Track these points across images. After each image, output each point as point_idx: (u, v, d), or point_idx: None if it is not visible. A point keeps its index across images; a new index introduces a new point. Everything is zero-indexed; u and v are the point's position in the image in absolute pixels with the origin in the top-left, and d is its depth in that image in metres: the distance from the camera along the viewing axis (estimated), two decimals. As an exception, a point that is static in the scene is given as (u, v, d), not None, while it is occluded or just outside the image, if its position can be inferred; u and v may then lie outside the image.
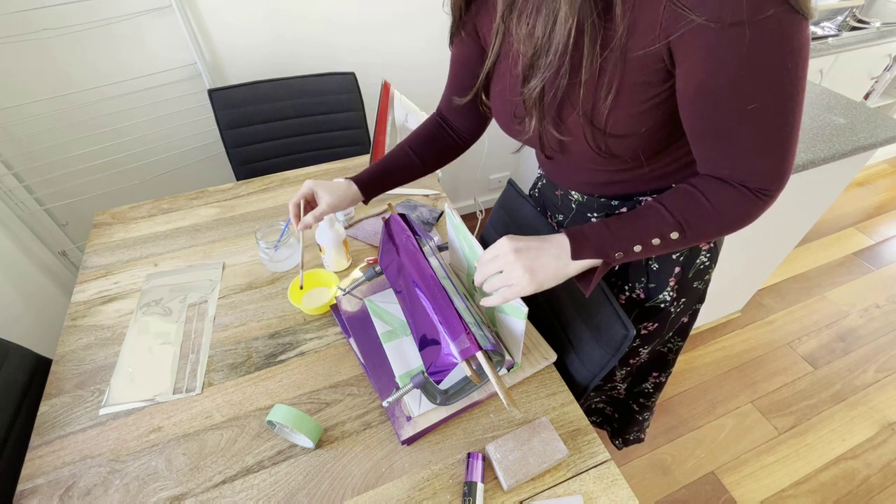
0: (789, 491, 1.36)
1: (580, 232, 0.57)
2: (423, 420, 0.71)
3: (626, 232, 0.56)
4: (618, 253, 0.56)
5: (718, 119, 0.47)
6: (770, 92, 0.44)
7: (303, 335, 0.85)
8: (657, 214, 0.55)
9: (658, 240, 0.55)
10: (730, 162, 0.51)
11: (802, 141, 1.12)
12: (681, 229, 0.54)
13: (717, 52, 0.43)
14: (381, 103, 1.13)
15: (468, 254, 0.77)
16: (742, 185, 0.52)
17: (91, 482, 0.67)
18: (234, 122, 1.35)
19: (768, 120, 0.46)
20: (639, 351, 0.89)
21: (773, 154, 0.48)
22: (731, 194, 0.52)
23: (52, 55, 1.23)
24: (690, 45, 0.44)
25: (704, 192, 0.54)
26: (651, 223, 0.55)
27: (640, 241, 0.55)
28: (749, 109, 0.45)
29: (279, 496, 0.65)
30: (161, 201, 1.16)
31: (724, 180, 0.53)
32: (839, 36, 1.74)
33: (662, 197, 0.57)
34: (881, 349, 1.72)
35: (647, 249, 0.56)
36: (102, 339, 0.85)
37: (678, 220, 0.54)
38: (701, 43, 0.43)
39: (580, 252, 0.56)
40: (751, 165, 0.50)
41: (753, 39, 0.41)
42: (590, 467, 0.67)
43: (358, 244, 1.04)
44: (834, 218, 2.27)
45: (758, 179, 0.51)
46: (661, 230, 0.55)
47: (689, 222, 0.54)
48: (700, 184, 0.54)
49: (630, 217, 0.57)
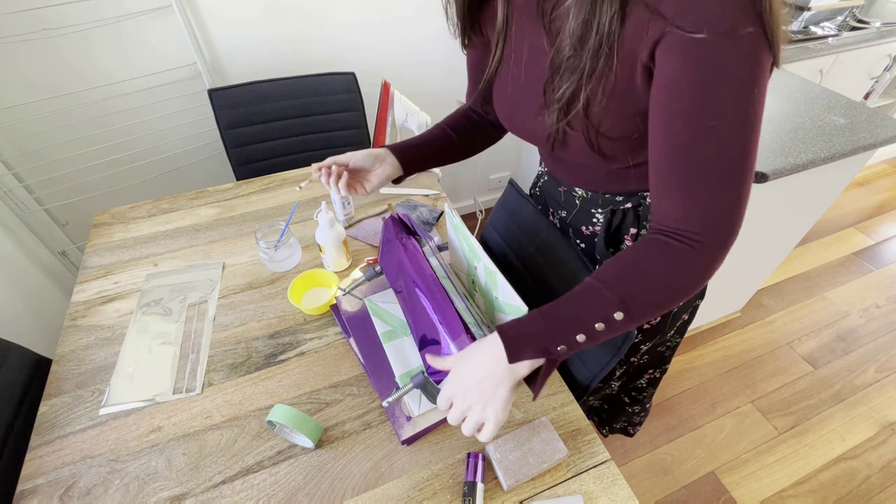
0: (789, 491, 1.36)
1: (515, 332, 0.53)
2: (423, 420, 0.71)
3: (564, 322, 0.52)
4: (560, 346, 0.51)
5: (680, 131, 0.47)
6: (733, 112, 0.44)
7: (303, 335, 0.85)
8: (596, 294, 0.51)
9: (602, 324, 0.50)
10: (681, 199, 0.49)
11: (803, 141, 1.12)
12: (625, 307, 0.50)
13: (691, 60, 0.44)
14: (381, 103, 1.13)
15: (468, 254, 0.77)
16: (686, 238, 0.49)
17: (91, 482, 0.67)
18: (234, 122, 1.35)
19: (726, 145, 0.45)
20: (639, 348, 0.89)
21: (725, 192, 0.47)
22: (672, 254, 0.49)
23: (51, 55, 1.23)
24: (669, 52, 0.45)
25: (644, 258, 0.51)
26: (591, 306, 0.51)
27: (583, 330, 0.51)
28: (711, 126, 0.45)
29: (279, 496, 0.65)
30: (161, 201, 1.16)
31: (666, 236, 0.50)
32: (839, 36, 1.74)
33: (600, 272, 0.53)
34: (881, 349, 1.72)
35: (592, 337, 0.51)
36: (102, 339, 0.85)
37: (619, 297, 0.50)
38: (678, 49, 0.44)
39: (517, 354, 0.51)
40: (702, 204, 0.48)
41: (727, 52, 0.42)
42: (590, 467, 0.67)
43: (358, 244, 1.04)
44: (834, 218, 2.27)
45: (709, 224, 0.48)
46: (602, 312, 0.50)
47: (632, 298, 0.50)
48: (639, 248, 0.52)
49: (566, 303, 0.52)
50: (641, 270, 0.51)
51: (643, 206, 0.69)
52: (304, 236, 1.05)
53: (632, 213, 0.70)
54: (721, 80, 0.43)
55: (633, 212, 0.70)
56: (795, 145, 1.11)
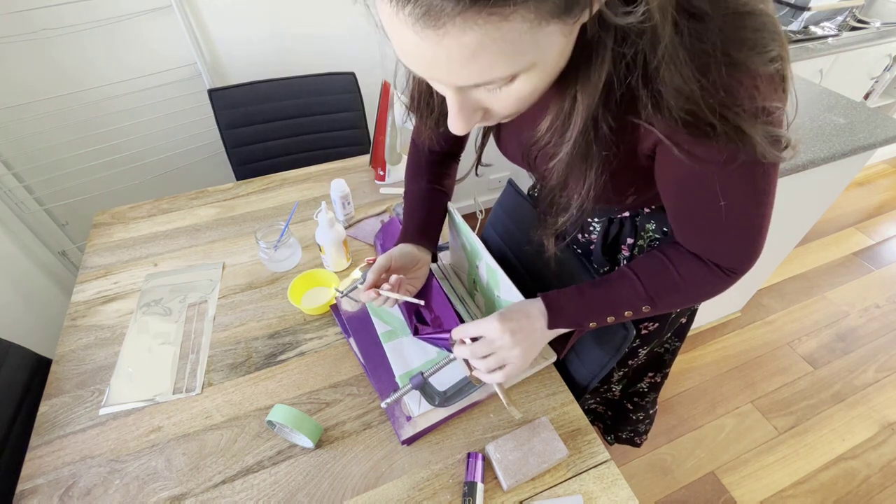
0: (789, 491, 1.36)
1: (557, 303, 0.59)
2: (423, 420, 0.71)
3: (601, 304, 0.58)
4: (592, 323, 0.59)
5: (693, 207, 0.50)
6: (742, 192, 0.46)
7: (303, 335, 0.85)
8: (631, 287, 0.57)
9: (630, 312, 0.58)
10: (702, 243, 0.54)
11: (803, 141, 1.12)
12: (652, 303, 0.57)
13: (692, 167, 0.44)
14: (381, 104, 1.13)
15: (469, 253, 0.77)
16: (712, 262, 0.54)
17: (91, 482, 0.67)
18: (234, 122, 1.35)
19: (739, 214, 0.48)
20: (638, 352, 0.89)
21: (742, 241, 0.51)
22: (702, 270, 0.55)
23: (51, 55, 1.23)
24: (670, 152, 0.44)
25: (677, 266, 0.56)
26: (624, 296, 0.58)
27: (613, 313, 0.58)
28: (721, 205, 0.46)
29: (279, 496, 0.65)
30: (161, 201, 1.16)
31: (696, 254, 0.55)
32: (839, 36, 1.74)
33: (637, 266, 0.58)
34: (881, 349, 1.72)
35: (617, 319, 0.59)
36: (102, 339, 0.85)
37: (650, 295, 0.56)
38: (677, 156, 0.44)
39: (556, 323, 0.59)
40: (721, 249, 0.53)
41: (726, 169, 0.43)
42: (590, 467, 0.67)
43: (358, 244, 1.04)
44: (834, 218, 2.27)
45: (727, 260, 0.53)
46: (633, 303, 0.57)
47: (661, 296, 0.57)
48: (673, 256, 0.56)
49: (605, 287, 0.59)
50: (673, 276, 0.56)
51: (641, 216, 0.68)
52: (304, 236, 1.05)
53: (629, 223, 0.70)
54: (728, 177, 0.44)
55: (630, 221, 0.69)
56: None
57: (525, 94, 0.38)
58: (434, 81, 0.39)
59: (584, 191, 0.47)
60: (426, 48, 0.31)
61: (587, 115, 0.41)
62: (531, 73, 0.36)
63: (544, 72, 0.37)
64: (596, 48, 0.37)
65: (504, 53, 0.32)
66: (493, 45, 0.31)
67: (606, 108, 0.42)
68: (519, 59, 0.33)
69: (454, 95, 0.39)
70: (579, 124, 0.42)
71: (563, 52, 0.37)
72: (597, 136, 0.43)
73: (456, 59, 0.32)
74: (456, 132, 0.42)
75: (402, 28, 0.31)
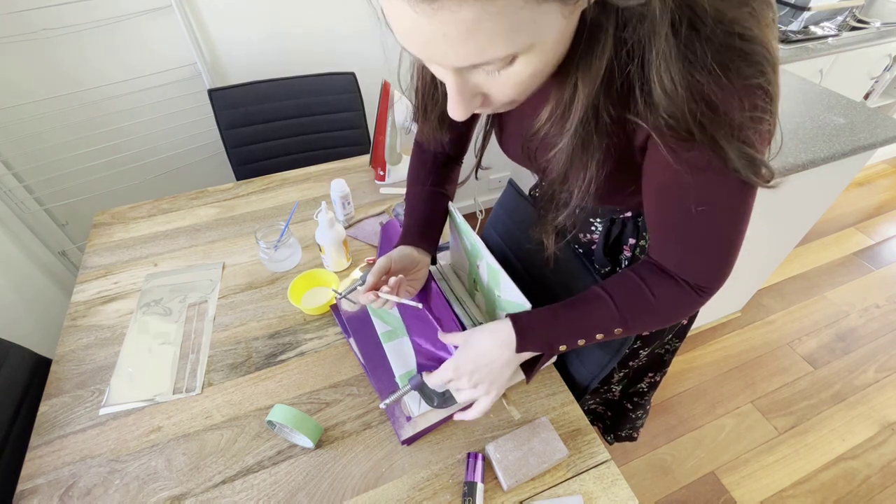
0: (789, 491, 1.36)
1: (528, 326, 0.58)
2: (423, 420, 0.71)
3: (571, 325, 0.58)
4: (562, 346, 0.58)
5: (670, 214, 0.50)
6: (722, 200, 0.46)
7: (303, 335, 0.85)
8: (605, 309, 0.56)
9: (601, 334, 0.57)
10: (676, 254, 0.54)
11: (803, 141, 1.12)
12: (625, 325, 0.56)
13: (675, 172, 0.44)
14: (381, 104, 1.13)
15: (470, 252, 0.77)
16: (683, 279, 0.54)
17: (91, 482, 0.67)
18: (234, 122, 1.35)
19: (713, 228, 0.48)
20: (638, 353, 0.89)
21: (715, 255, 0.51)
22: (674, 290, 0.54)
23: (51, 55, 1.23)
24: (658, 149, 0.44)
25: (650, 286, 0.55)
26: (597, 318, 0.57)
27: (584, 336, 0.57)
28: (700, 210, 0.47)
29: (279, 496, 0.65)
30: (161, 201, 1.16)
31: (667, 272, 0.55)
32: (839, 36, 1.74)
33: (611, 287, 0.57)
34: (881, 349, 1.72)
35: (588, 342, 0.58)
36: (102, 339, 0.85)
37: (623, 317, 0.56)
38: (663, 155, 0.44)
39: (524, 346, 0.57)
40: (694, 262, 0.53)
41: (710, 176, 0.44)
42: (590, 467, 0.67)
43: (358, 244, 1.04)
44: (834, 218, 2.27)
45: (699, 276, 0.53)
46: (606, 325, 0.56)
47: (634, 318, 0.56)
48: (647, 277, 0.56)
49: (577, 309, 0.58)
50: (647, 297, 0.55)
51: (643, 217, 0.68)
52: (304, 236, 1.05)
53: (631, 223, 0.70)
54: (706, 186, 0.44)
55: (632, 221, 0.69)
56: (795, 145, 1.11)
57: (524, 78, 0.38)
58: (433, 64, 0.39)
59: (584, 184, 0.47)
60: (424, 25, 0.31)
61: (587, 102, 0.41)
62: (530, 55, 0.36)
63: (544, 53, 0.36)
64: (596, 33, 0.37)
65: (501, 30, 0.32)
66: (489, 20, 0.31)
67: (607, 97, 0.42)
68: (517, 37, 0.33)
69: (453, 78, 0.39)
70: (580, 112, 0.42)
71: (563, 36, 0.37)
72: (597, 125, 0.43)
73: (453, 36, 0.32)
74: (455, 117, 0.42)
75: (400, 5, 0.31)
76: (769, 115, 0.40)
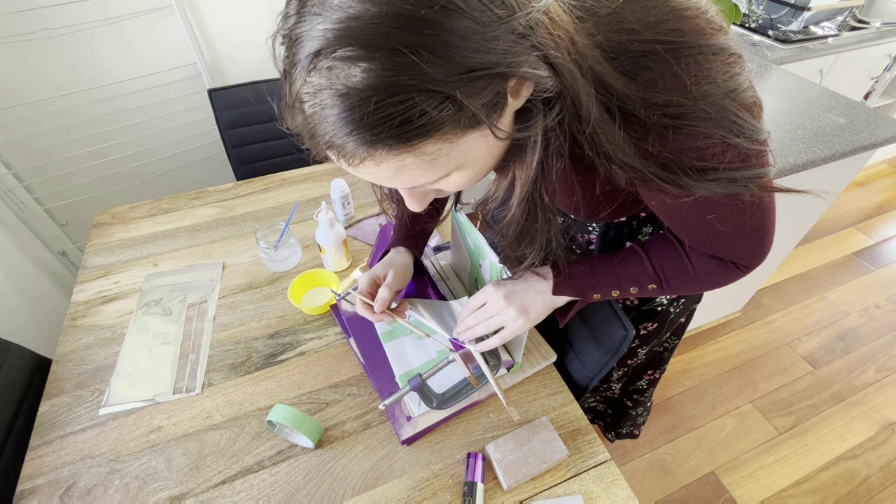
0: (789, 491, 1.36)
1: (565, 270, 0.60)
2: (423, 420, 0.71)
3: (608, 277, 0.59)
4: (596, 294, 0.59)
5: (688, 225, 0.51)
6: (730, 212, 0.47)
7: (303, 335, 0.85)
8: (640, 264, 0.57)
9: (636, 288, 0.58)
10: (709, 249, 0.54)
11: (803, 141, 1.12)
12: (659, 282, 0.57)
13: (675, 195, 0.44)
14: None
15: (473, 251, 0.77)
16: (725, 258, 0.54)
17: (91, 482, 0.67)
18: (234, 122, 1.35)
19: (736, 226, 0.49)
20: (637, 352, 0.89)
21: (747, 245, 0.51)
22: (714, 263, 0.55)
23: (51, 55, 1.23)
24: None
25: (689, 255, 0.56)
26: (632, 272, 0.58)
27: (619, 287, 0.59)
28: (713, 221, 0.47)
29: (279, 496, 0.65)
30: (161, 201, 1.16)
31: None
32: (839, 36, 1.74)
33: (648, 244, 0.58)
34: (881, 349, 1.72)
35: (623, 294, 0.59)
36: (102, 339, 0.85)
37: (658, 274, 0.57)
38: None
39: (561, 290, 0.59)
40: (728, 252, 0.53)
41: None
42: (590, 467, 0.67)
43: (358, 244, 1.04)
44: (834, 218, 2.27)
45: (738, 258, 0.54)
46: (640, 280, 0.58)
47: (668, 278, 0.57)
48: (687, 246, 0.56)
49: (613, 261, 0.59)
50: (684, 263, 0.56)
51: (638, 221, 0.68)
52: (304, 236, 1.05)
53: (626, 227, 0.70)
54: (711, 201, 0.45)
55: (627, 226, 0.69)
56: (795, 145, 1.11)
57: (465, 182, 0.41)
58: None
59: (536, 249, 0.50)
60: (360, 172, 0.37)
61: (525, 189, 0.43)
62: (463, 171, 0.39)
63: (476, 166, 0.39)
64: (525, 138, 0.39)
65: (426, 166, 0.35)
66: (410, 166, 0.34)
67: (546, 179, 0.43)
68: (443, 167, 0.36)
69: (401, 191, 0.44)
70: (519, 195, 0.44)
71: (493, 149, 0.39)
72: (542, 203, 0.45)
73: (384, 177, 0.37)
74: (413, 210, 0.47)
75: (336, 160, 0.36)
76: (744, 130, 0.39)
